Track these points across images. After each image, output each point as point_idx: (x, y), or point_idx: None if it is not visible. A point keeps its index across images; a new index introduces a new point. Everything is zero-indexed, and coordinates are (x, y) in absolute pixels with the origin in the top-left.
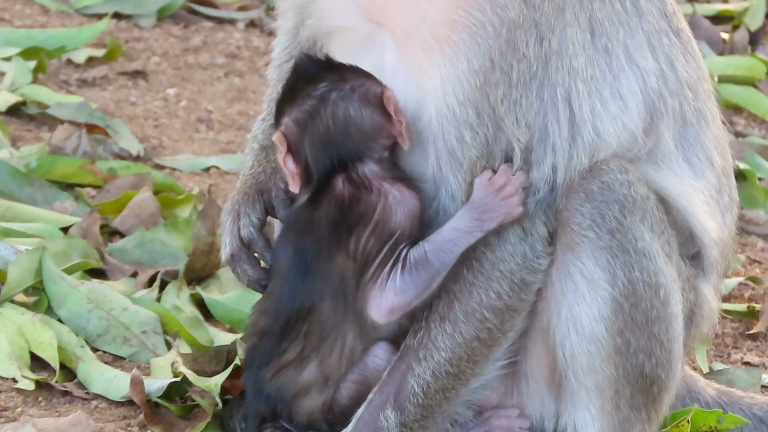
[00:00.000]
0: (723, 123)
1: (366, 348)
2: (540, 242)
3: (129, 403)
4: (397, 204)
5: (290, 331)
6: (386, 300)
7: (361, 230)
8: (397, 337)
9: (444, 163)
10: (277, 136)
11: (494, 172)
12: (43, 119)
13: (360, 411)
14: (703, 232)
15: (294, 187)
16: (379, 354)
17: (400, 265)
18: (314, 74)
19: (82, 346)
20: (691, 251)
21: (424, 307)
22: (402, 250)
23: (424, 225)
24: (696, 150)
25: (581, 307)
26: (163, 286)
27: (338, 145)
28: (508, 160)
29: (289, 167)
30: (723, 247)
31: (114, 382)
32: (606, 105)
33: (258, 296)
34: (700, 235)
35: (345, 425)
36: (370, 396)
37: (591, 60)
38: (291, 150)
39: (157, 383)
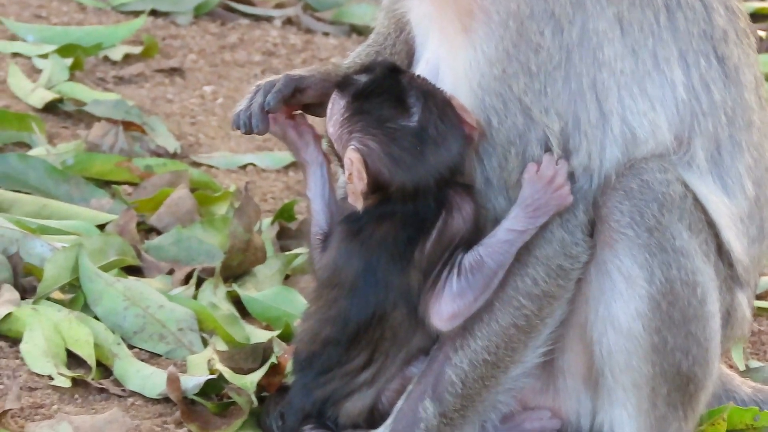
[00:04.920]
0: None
1: (416, 357)
2: (580, 229)
3: (165, 400)
4: (458, 210)
5: (360, 339)
6: (446, 307)
7: (425, 240)
8: None
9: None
10: (355, 157)
11: (538, 164)
12: (80, 116)
13: (399, 403)
14: (731, 246)
15: (357, 204)
16: (420, 366)
17: (456, 270)
18: (401, 96)
19: (119, 344)
20: (728, 258)
21: None
22: (458, 255)
23: (480, 226)
24: (730, 173)
25: (618, 305)
26: (199, 283)
27: (434, 180)
28: (547, 148)
29: (360, 188)
30: (746, 267)
31: (150, 380)
32: (635, 99)
33: (294, 293)
34: (728, 247)
35: None
36: (409, 387)
37: (619, 55)
38: (368, 174)
39: (193, 380)
